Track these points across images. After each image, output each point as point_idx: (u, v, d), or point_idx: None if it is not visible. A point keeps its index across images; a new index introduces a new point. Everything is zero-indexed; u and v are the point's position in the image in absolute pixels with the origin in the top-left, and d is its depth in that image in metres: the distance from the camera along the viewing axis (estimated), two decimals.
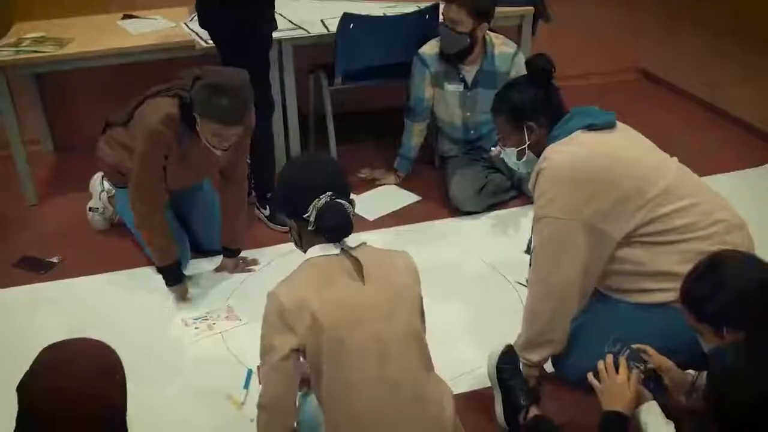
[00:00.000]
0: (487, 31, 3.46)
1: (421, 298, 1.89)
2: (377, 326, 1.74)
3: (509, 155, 2.39)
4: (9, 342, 2.66)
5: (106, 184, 3.26)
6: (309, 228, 1.78)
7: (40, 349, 1.44)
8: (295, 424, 1.90)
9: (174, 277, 2.84)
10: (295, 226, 1.85)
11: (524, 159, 2.35)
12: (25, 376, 1.39)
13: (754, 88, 4.20)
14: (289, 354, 1.72)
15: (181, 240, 3.01)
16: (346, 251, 1.80)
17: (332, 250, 1.79)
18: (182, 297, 2.87)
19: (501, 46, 3.50)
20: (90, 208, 3.36)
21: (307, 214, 1.76)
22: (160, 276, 2.86)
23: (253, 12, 3.00)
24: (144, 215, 2.75)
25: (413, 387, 1.78)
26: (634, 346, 1.98)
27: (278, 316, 1.71)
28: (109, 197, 3.29)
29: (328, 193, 1.77)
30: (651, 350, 1.99)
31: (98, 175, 3.33)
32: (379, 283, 1.77)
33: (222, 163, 2.87)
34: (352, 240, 1.83)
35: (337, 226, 1.77)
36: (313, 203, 1.76)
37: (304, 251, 1.85)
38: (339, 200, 1.78)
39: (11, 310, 2.88)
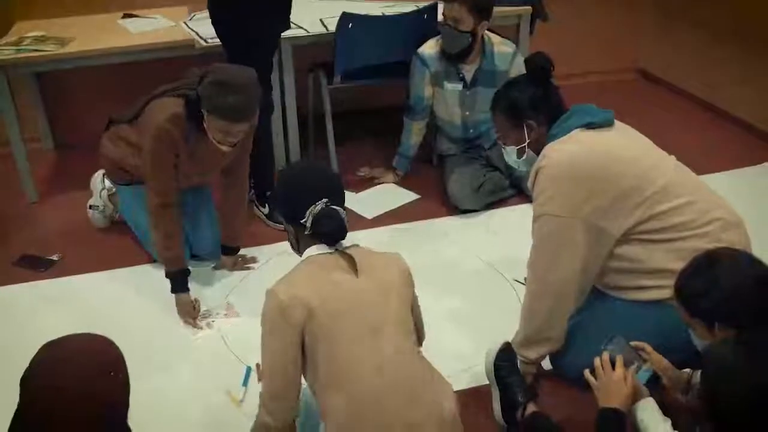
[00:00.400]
0: (485, 31, 3.47)
1: (416, 298, 1.95)
2: (372, 315, 1.80)
3: (509, 153, 2.40)
4: (9, 340, 2.67)
5: (107, 182, 3.27)
6: (306, 232, 1.86)
7: (40, 347, 1.44)
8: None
9: (179, 284, 2.76)
10: (293, 230, 1.93)
11: (524, 157, 2.36)
12: (26, 371, 1.39)
13: (754, 88, 4.20)
14: (290, 349, 1.76)
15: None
16: (339, 251, 1.87)
17: (327, 249, 1.87)
18: (186, 313, 2.76)
19: (499, 45, 3.51)
20: (90, 206, 3.37)
21: (304, 219, 1.85)
22: (163, 276, 2.81)
23: (262, 11, 3.00)
24: (159, 214, 2.71)
25: (410, 373, 1.81)
26: (632, 343, 1.99)
27: (279, 313, 1.76)
28: (109, 195, 3.30)
29: (324, 200, 1.85)
30: (649, 347, 2.00)
31: (99, 173, 3.34)
32: (371, 277, 1.84)
33: (227, 161, 2.88)
34: (346, 242, 1.91)
35: (332, 232, 1.85)
36: (310, 209, 1.84)
37: (300, 254, 1.93)
38: (334, 207, 1.86)
39: (11, 307, 2.88)
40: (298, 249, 1.94)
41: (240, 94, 2.51)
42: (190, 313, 2.77)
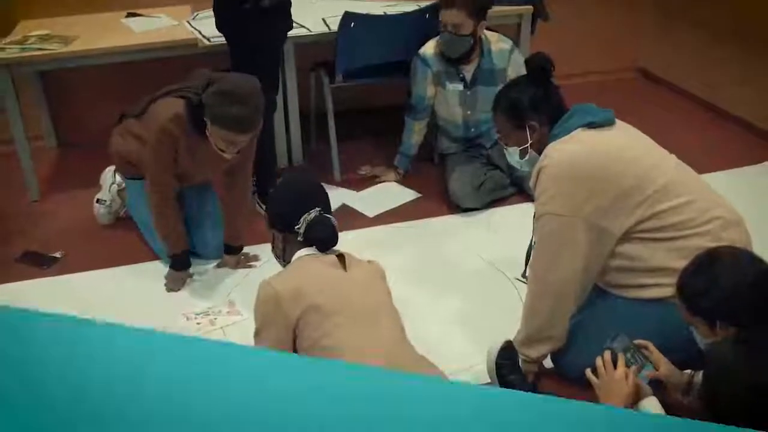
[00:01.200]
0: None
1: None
2: (367, 304, 1.89)
3: (511, 154, 2.41)
4: None
5: (117, 177, 3.29)
6: (298, 239, 1.98)
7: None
8: None
9: (181, 262, 2.93)
10: (281, 237, 2.04)
11: (527, 158, 2.37)
12: None
13: (754, 88, 4.21)
14: (283, 340, 1.84)
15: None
16: (327, 253, 1.99)
17: (317, 251, 1.98)
18: (175, 284, 2.92)
19: (497, 42, 3.52)
20: (97, 200, 3.38)
21: (297, 226, 1.97)
22: (166, 267, 2.93)
23: (262, 10, 3.01)
24: (157, 203, 2.83)
25: (408, 353, 1.88)
26: (636, 341, 2.00)
27: (274, 303, 1.83)
28: (119, 190, 3.32)
29: (317, 208, 1.98)
30: (651, 346, 2.01)
31: (110, 168, 3.36)
32: (358, 272, 1.97)
33: (229, 164, 2.90)
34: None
35: (326, 238, 1.97)
36: (304, 217, 1.96)
37: (285, 262, 2.03)
38: (326, 215, 1.99)
39: (13, 305, 2.88)
40: (284, 256, 2.04)
41: (243, 105, 2.54)
42: (177, 285, 2.90)
